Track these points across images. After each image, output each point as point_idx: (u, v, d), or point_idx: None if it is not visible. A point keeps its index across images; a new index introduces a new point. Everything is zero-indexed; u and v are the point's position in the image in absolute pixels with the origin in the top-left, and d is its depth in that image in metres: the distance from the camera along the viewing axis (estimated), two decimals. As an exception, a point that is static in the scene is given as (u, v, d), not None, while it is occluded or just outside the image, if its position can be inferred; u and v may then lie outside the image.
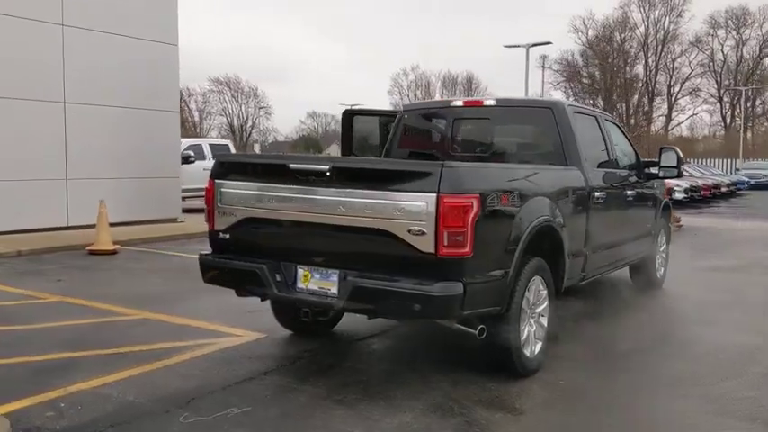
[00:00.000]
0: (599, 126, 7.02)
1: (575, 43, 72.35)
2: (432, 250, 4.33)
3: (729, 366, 5.65)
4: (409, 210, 4.37)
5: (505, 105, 6.58)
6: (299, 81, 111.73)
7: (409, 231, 4.38)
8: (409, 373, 5.26)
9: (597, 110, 7.91)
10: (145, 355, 5.51)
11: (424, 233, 4.34)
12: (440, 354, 5.82)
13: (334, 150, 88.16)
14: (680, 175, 7.71)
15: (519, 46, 36.97)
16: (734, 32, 69.14)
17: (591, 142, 6.59)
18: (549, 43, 37.81)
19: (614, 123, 7.61)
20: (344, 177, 4.65)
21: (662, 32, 71.32)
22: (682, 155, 7.61)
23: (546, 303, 5.41)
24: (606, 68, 76.05)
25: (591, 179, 6.21)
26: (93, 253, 10.77)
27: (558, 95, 74.60)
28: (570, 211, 5.73)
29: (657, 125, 75.57)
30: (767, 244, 13.84)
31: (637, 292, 8.60)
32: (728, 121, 72.51)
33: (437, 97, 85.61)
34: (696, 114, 78.21)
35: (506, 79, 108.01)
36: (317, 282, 4.85)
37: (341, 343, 6.14)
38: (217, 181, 5.23)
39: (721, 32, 69.71)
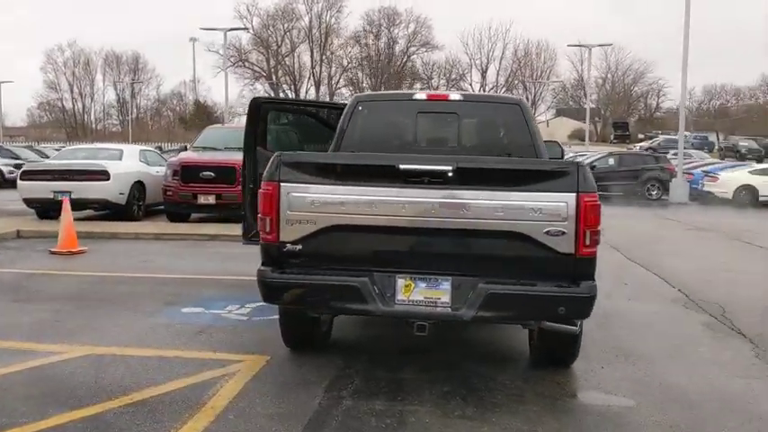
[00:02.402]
0: None
1: (245, 30, 72.67)
2: (571, 251, 4.30)
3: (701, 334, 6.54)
4: (548, 210, 4.27)
5: (473, 100, 6.64)
6: None
7: (547, 233, 4.28)
8: (472, 376, 5.09)
9: None
10: (176, 400, 4.47)
11: (563, 233, 4.28)
12: (461, 351, 5.72)
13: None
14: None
15: (217, 29, 36.22)
16: (386, 30, 76.08)
17: None
18: (245, 29, 37.66)
19: None
20: (470, 178, 4.33)
21: (324, 26, 75.40)
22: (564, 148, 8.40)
23: None
24: (270, 55, 78.08)
25: None
26: None
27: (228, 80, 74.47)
28: None
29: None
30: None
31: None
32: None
33: (98, 76, 79.55)
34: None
35: (168, 61, 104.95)
36: (422, 291, 4.45)
37: (361, 355, 5.57)
38: (283, 184, 4.44)
39: (376, 29, 76.15)
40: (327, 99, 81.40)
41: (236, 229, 12.57)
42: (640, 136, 66.48)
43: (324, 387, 4.78)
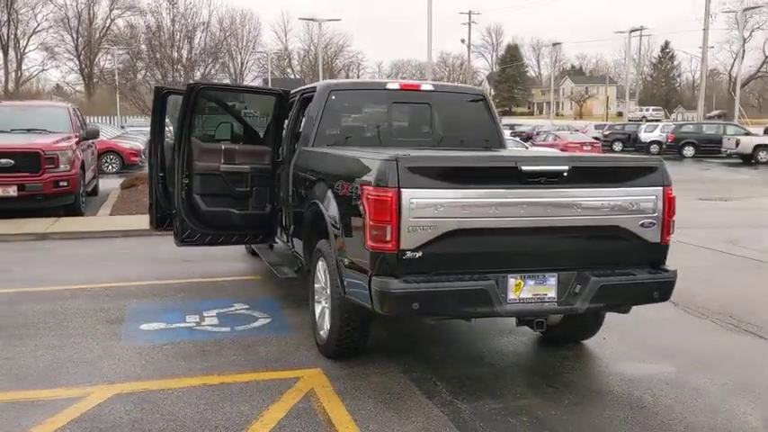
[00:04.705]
0: None
1: None
2: (658, 240, 4.71)
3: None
4: (643, 204, 4.62)
5: (443, 90, 6.67)
6: None
7: (641, 225, 4.64)
8: (523, 367, 5.34)
9: None
10: (296, 434, 4.03)
11: (653, 224, 4.67)
12: (467, 339, 5.85)
13: None
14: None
15: None
16: (85, -11, 69.62)
17: None
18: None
19: None
20: (581, 176, 4.48)
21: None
22: None
23: None
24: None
25: None
26: None
27: None
28: None
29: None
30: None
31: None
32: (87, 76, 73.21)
33: None
34: (47, 69, 76.21)
35: None
36: (530, 289, 4.53)
37: (405, 356, 5.33)
38: (404, 190, 4.16)
39: (72, -12, 69.29)
40: (15, 65, 72.65)
41: (59, 225, 11.03)
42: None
43: (424, 395, 4.63)
